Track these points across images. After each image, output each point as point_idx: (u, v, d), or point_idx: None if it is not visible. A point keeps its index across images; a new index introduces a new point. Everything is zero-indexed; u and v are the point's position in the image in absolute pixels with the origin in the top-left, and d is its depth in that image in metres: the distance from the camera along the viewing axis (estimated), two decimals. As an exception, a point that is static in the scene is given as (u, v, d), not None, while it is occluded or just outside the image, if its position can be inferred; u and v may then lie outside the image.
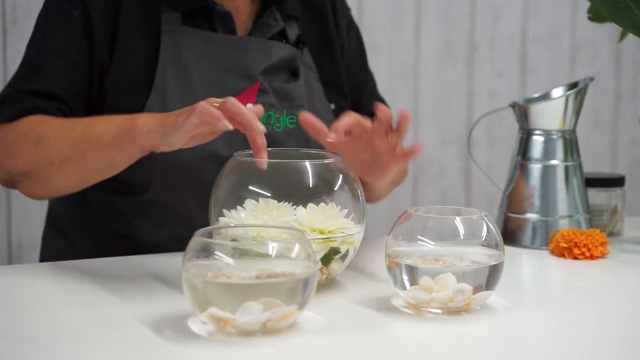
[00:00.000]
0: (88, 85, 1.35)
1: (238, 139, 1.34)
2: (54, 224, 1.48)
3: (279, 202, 1.11)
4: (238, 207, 1.11)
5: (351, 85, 1.53)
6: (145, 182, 1.35)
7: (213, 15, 1.37)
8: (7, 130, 1.31)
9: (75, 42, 1.34)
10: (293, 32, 1.44)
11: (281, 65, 1.41)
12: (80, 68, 1.34)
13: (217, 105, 1.10)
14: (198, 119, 1.08)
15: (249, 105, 1.35)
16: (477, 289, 1.03)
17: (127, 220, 1.38)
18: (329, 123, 1.43)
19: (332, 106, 1.48)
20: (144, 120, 1.18)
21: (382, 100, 1.58)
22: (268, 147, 1.14)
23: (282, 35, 1.44)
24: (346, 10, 1.55)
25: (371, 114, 1.51)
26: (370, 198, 1.48)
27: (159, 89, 1.33)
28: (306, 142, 1.37)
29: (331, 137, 1.20)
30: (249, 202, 1.11)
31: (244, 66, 1.37)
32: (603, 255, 1.34)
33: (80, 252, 1.40)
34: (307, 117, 1.22)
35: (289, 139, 1.38)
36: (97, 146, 1.23)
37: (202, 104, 1.09)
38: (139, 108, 1.32)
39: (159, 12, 1.35)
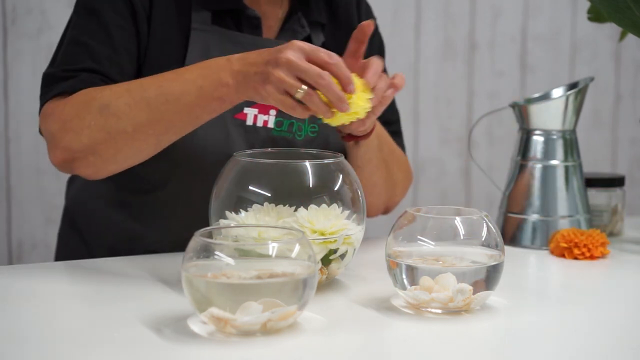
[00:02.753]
0: (135, 65, 1.31)
1: (258, 140, 1.34)
2: (71, 223, 1.46)
3: (278, 202, 1.11)
4: (241, 210, 1.11)
5: None
6: (163, 179, 1.34)
7: (241, 18, 1.37)
8: (61, 105, 1.23)
9: (121, 21, 1.30)
10: (318, 39, 1.44)
11: None
12: (129, 49, 1.30)
13: (300, 96, 1.12)
14: (276, 104, 1.13)
15: (272, 111, 1.35)
16: (477, 289, 1.03)
17: (145, 220, 1.37)
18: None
19: None
20: (227, 76, 1.16)
21: (394, 105, 1.57)
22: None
23: (307, 42, 1.43)
24: (372, 19, 1.54)
25: (385, 122, 1.51)
26: (377, 196, 1.46)
27: None
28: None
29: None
30: (255, 207, 1.11)
31: None
32: (603, 256, 1.34)
33: (96, 252, 1.38)
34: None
35: (309, 148, 1.38)
36: (178, 108, 1.18)
37: (283, 101, 1.12)
38: None
39: (189, 10, 1.34)
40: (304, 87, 1.11)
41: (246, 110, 1.35)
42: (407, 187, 1.52)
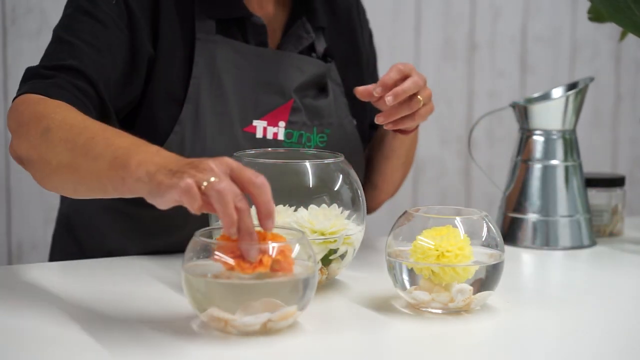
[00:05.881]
0: (124, 78, 1.26)
1: (271, 144, 1.33)
2: (67, 227, 1.43)
3: (278, 202, 1.10)
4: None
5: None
6: None
7: (246, 26, 1.34)
8: (25, 105, 1.17)
9: (113, 31, 1.25)
10: (321, 44, 1.42)
11: (312, 82, 1.38)
12: (115, 53, 1.25)
13: (205, 186, 0.94)
14: (178, 197, 0.94)
15: (281, 123, 1.33)
16: (477, 289, 1.03)
17: (147, 230, 1.33)
18: (353, 140, 1.42)
19: (354, 122, 1.44)
20: (138, 163, 0.99)
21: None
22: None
23: (310, 48, 1.41)
24: (367, 23, 1.54)
25: (372, 126, 1.50)
26: (385, 190, 1.49)
27: (192, 100, 1.29)
28: None
29: (377, 92, 1.23)
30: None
31: (277, 82, 1.34)
32: None
33: (91, 257, 1.35)
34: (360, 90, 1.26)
35: None
36: (91, 167, 1.06)
37: (188, 185, 0.93)
38: (173, 120, 1.28)
39: (193, 20, 1.31)
40: (213, 178, 0.94)
41: (255, 122, 1.32)
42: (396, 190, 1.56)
